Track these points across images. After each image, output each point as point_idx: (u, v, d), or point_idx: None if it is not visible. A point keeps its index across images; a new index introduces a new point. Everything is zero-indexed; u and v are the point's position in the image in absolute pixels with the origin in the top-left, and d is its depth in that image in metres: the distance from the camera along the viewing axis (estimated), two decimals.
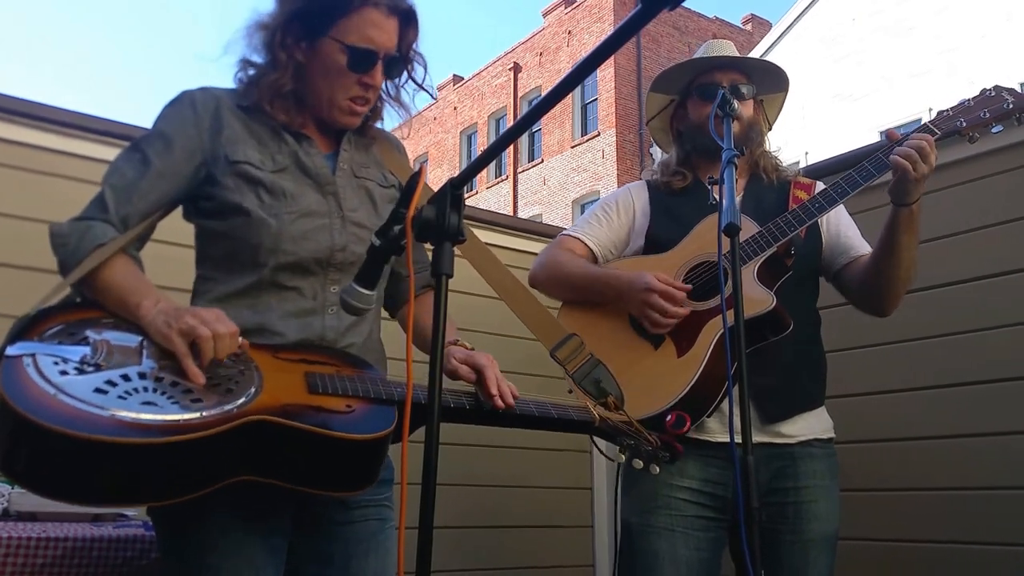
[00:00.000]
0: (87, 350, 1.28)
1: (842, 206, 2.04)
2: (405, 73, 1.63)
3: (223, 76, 1.62)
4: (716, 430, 1.92)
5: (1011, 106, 1.90)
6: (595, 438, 1.68)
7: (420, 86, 1.65)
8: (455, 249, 1.20)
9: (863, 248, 2.07)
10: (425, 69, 1.65)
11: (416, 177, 1.24)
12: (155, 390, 1.25)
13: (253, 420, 1.25)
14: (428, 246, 1.23)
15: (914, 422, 2.80)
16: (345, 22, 1.51)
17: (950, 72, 14.56)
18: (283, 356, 1.43)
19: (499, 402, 1.51)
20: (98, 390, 1.20)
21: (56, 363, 1.23)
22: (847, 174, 1.92)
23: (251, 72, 1.58)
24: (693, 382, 1.86)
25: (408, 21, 1.58)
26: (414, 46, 1.61)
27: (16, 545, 1.63)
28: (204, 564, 1.39)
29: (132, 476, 1.20)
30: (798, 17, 17.79)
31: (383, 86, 1.62)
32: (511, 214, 21.59)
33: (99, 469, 1.17)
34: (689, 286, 1.94)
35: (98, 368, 1.25)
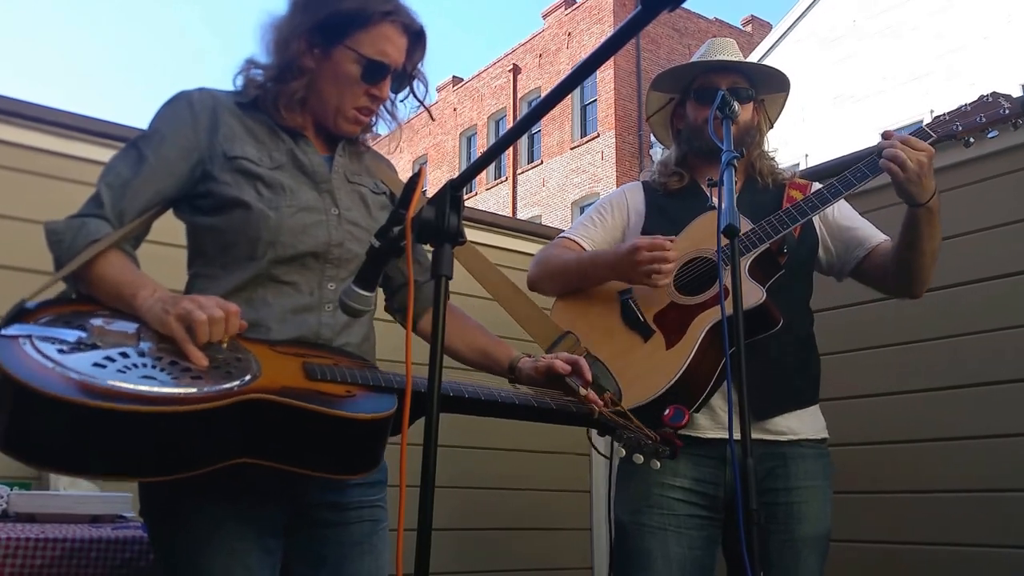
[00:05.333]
0: (83, 333, 1.28)
1: (844, 203, 2.04)
2: (406, 89, 1.67)
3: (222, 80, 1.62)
4: (706, 426, 1.93)
5: (1007, 112, 1.92)
6: (594, 438, 1.68)
7: (421, 103, 1.69)
8: None
9: (877, 236, 2.08)
10: (426, 88, 1.69)
11: (416, 178, 1.25)
12: (154, 366, 1.25)
13: (254, 398, 1.25)
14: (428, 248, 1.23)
15: (911, 424, 2.81)
16: (362, 34, 1.54)
17: (951, 74, 14.56)
18: (279, 349, 1.44)
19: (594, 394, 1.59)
20: (96, 364, 1.21)
21: (53, 343, 1.24)
22: (841, 175, 1.94)
23: (256, 72, 1.59)
24: (681, 372, 1.86)
25: (417, 41, 1.62)
26: (419, 65, 1.65)
27: (15, 546, 1.63)
28: (196, 564, 1.39)
29: (130, 447, 1.20)
30: (798, 19, 17.77)
31: None
32: (510, 215, 21.59)
33: (98, 439, 1.17)
34: (671, 238, 1.94)
35: (95, 347, 1.26)
